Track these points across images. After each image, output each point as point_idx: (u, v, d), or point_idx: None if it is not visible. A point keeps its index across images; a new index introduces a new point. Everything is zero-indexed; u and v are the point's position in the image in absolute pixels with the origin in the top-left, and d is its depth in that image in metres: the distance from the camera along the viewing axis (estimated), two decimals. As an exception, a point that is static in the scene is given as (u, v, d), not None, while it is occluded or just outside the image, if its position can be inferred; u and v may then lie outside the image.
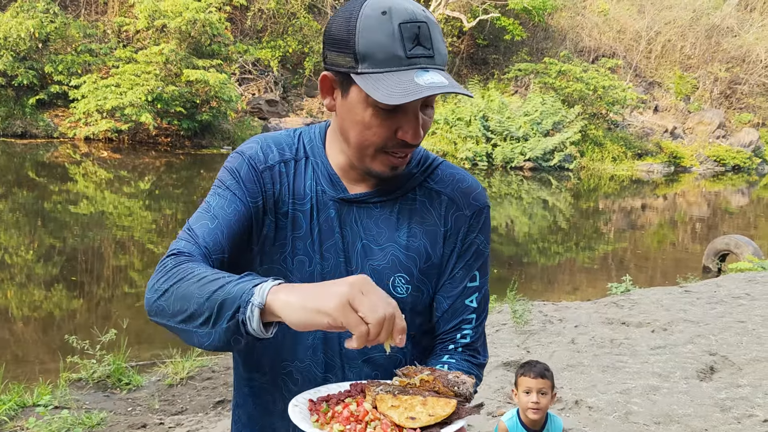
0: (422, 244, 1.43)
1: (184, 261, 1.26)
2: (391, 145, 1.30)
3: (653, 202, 22.19)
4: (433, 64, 1.25)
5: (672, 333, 6.35)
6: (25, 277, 8.58)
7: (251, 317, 1.10)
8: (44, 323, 7.05)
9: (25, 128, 19.95)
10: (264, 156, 1.42)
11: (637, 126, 30.96)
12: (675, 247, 15.59)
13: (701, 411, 4.52)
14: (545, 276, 11.65)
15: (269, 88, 25.31)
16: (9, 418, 4.34)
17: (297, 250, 1.41)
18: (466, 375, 1.19)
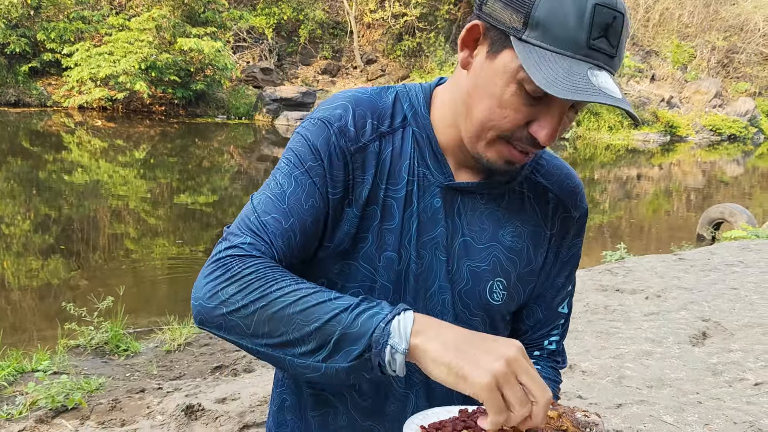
0: (525, 247, 1.24)
1: (257, 267, 1.02)
2: (519, 136, 1.07)
3: (649, 172, 22.22)
4: (610, 65, 1.02)
5: (665, 300, 6.40)
6: (21, 246, 8.59)
7: (392, 362, 0.95)
8: (41, 291, 7.08)
9: (18, 97, 19.83)
10: (356, 131, 1.15)
11: (634, 95, 30.88)
12: (670, 216, 15.66)
13: (693, 375, 4.58)
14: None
15: (264, 56, 25.13)
16: (8, 384, 4.37)
17: (386, 245, 1.16)
18: (596, 414, 1.05)
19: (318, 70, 25.78)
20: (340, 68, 26.63)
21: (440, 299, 1.19)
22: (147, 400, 4.17)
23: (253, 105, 22.64)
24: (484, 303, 1.21)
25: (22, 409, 3.90)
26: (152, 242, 9.31)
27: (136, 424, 3.80)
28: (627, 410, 3.99)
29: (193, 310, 1.05)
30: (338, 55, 27.15)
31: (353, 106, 1.17)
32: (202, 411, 3.95)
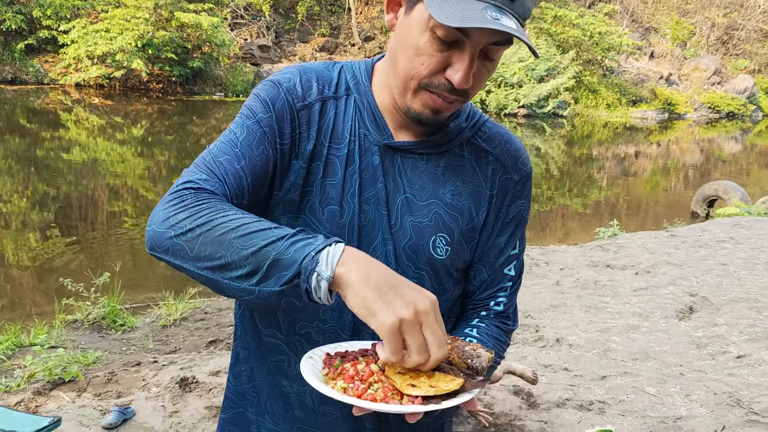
0: (466, 205, 1.31)
1: (208, 198, 1.11)
2: (436, 83, 1.15)
3: (646, 149, 22.24)
4: (510, 7, 1.10)
5: (655, 275, 6.49)
6: (19, 224, 8.66)
7: (318, 288, 1.00)
8: (39, 268, 7.15)
9: (14, 74, 19.80)
10: (303, 92, 1.26)
11: (633, 72, 30.83)
12: (666, 193, 15.72)
13: (677, 348, 4.68)
14: (537, 222, 11.77)
15: (261, 33, 25.03)
16: (7, 357, 4.46)
17: (329, 198, 1.25)
18: (485, 349, 1.10)
19: (316, 48, 25.69)
20: (338, 45, 26.53)
21: (383, 251, 1.27)
22: (142, 372, 4.26)
23: (251, 82, 22.61)
24: (428, 257, 1.29)
25: (20, 382, 3.99)
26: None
27: (132, 396, 3.90)
28: (611, 382, 4.09)
29: (146, 236, 1.12)
30: (336, 32, 27.04)
31: (301, 71, 1.29)
32: (196, 383, 4.04)
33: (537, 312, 5.43)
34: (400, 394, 1.03)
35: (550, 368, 4.29)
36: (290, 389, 1.36)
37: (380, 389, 1.03)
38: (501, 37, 1.12)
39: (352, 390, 1.04)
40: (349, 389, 1.04)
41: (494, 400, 3.81)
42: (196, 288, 6.01)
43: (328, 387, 1.04)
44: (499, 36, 1.11)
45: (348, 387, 1.04)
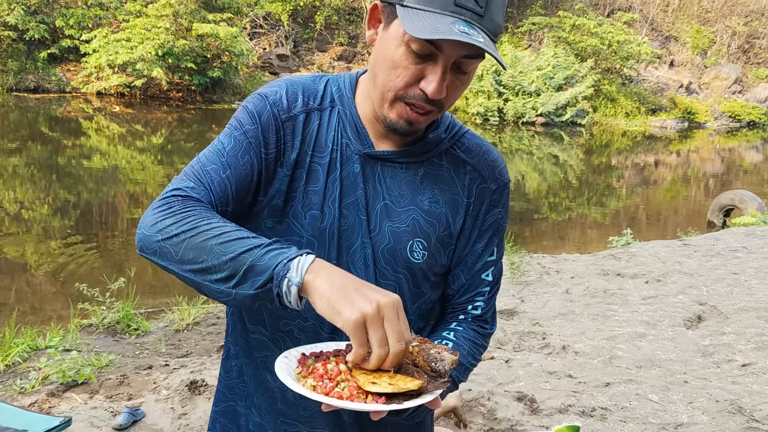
0: (443, 212, 1.38)
1: (194, 206, 1.20)
2: (412, 94, 1.22)
3: (666, 159, 22.13)
4: (480, 23, 1.17)
5: (665, 284, 6.50)
6: (40, 230, 8.82)
7: (288, 293, 1.09)
8: (57, 273, 7.29)
9: (37, 83, 20.14)
10: (288, 104, 1.34)
11: (652, 81, 30.68)
12: (684, 203, 15.65)
13: (683, 356, 4.70)
14: (552, 231, 11.78)
15: (280, 42, 25.26)
16: (22, 360, 4.58)
17: (311, 204, 1.33)
18: (450, 352, 1.15)
19: (334, 57, 25.86)
20: (356, 54, 26.70)
21: (362, 254, 1.34)
22: (154, 376, 4.36)
23: (271, 91, 22.78)
24: (405, 261, 1.36)
25: (34, 383, 4.10)
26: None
27: (142, 398, 3.99)
28: (614, 389, 4.12)
29: (136, 239, 1.21)
30: (354, 41, 27.20)
31: (288, 85, 1.37)
32: (205, 386, 4.12)
33: (545, 320, 5.47)
34: (365, 394, 1.09)
35: (554, 375, 4.33)
36: (274, 384, 1.42)
37: (347, 388, 1.09)
38: (471, 51, 1.18)
39: (321, 388, 1.10)
40: (318, 387, 1.10)
41: (497, 406, 3.86)
42: (208, 294, 6.11)
43: (299, 385, 1.11)
44: (469, 49, 1.18)
45: (317, 385, 1.11)
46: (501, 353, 4.76)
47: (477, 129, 23.12)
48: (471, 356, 1.42)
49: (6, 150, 13.62)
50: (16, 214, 9.39)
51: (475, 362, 1.44)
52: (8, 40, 19.54)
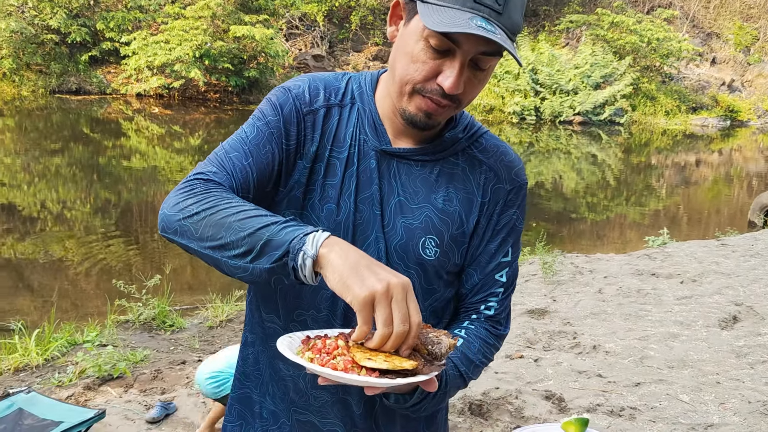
0: (457, 210, 1.39)
1: (215, 188, 1.24)
2: (429, 89, 1.24)
3: (707, 158, 21.75)
4: (498, 20, 1.19)
5: (701, 284, 6.40)
6: (81, 229, 9.03)
7: (303, 266, 1.10)
8: (96, 270, 7.46)
9: (79, 85, 20.59)
10: (310, 98, 1.38)
11: (693, 79, 30.17)
12: (724, 203, 15.37)
13: (716, 357, 4.63)
14: (590, 231, 11.67)
15: (315, 43, 25.41)
16: (61, 354, 4.70)
17: (328, 197, 1.36)
18: (449, 336, 1.17)
19: (369, 57, 25.94)
20: (392, 54, 26.70)
21: (376, 248, 1.37)
22: (187, 371, 4.44)
23: (306, 91, 22.96)
24: (418, 257, 1.38)
25: (72, 377, 4.21)
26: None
27: (175, 392, 4.07)
28: (644, 389, 4.08)
29: (158, 219, 1.25)
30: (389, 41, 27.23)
31: (311, 80, 1.41)
32: (236, 381, 4.19)
33: (576, 319, 5.43)
34: (359, 367, 1.11)
35: (583, 374, 4.31)
36: (286, 372, 1.46)
37: (341, 361, 1.12)
38: (488, 47, 1.20)
39: (317, 360, 1.13)
40: (315, 359, 1.13)
41: (524, 404, 3.86)
42: (241, 290, 6.20)
43: (297, 356, 1.15)
44: (486, 46, 1.20)
45: (314, 357, 1.14)
46: (530, 352, 4.74)
47: (513, 128, 22.99)
48: (482, 354, 1.42)
49: (49, 151, 13.95)
50: (58, 214, 9.62)
51: (485, 360, 1.45)
52: (51, 44, 20.01)
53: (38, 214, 9.45)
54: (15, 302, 6.29)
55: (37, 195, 10.47)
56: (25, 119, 17.17)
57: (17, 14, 19.50)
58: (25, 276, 7.11)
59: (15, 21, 18.98)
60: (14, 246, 7.92)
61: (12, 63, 19.48)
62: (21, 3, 19.44)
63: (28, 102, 19.01)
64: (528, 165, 17.05)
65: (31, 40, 19.72)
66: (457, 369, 1.36)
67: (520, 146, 19.86)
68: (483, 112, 24.18)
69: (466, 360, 1.38)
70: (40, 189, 10.88)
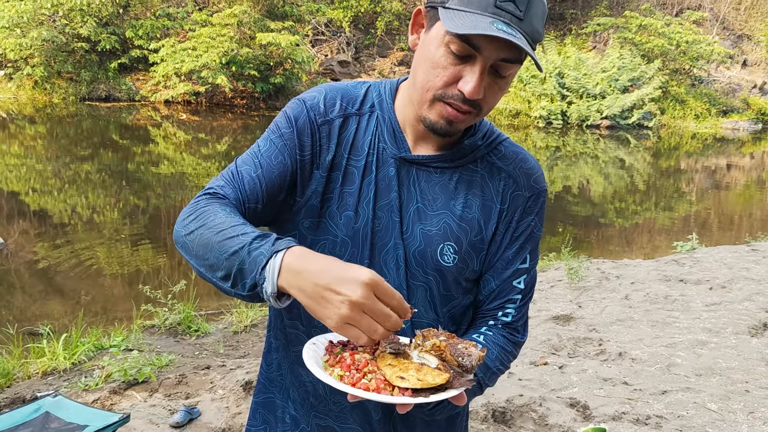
0: (476, 217, 1.40)
1: (214, 203, 1.28)
2: (450, 94, 1.25)
3: (738, 161, 21.41)
4: (519, 26, 1.20)
5: (730, 290, 6.30)
6: (109, 234, 9.13)
7: (272, 302, 1.13)
8: (124, 276, 7.54)
9: (108, 92, 20.88)
10: (325, 108, 1.40)
11: (723, 82, 29.74)
12: (757, 207, 15.12)
13: (746, 365, 4.55)
14: (618, 236, 11.55)
15: (341, 48, 25.50)
16: (88, 359, 4.76)
17: (346, 205, 1.38)
18: (477, 348, 1.17)
19: (395, 62, 25.97)
20: (418, 59, 26.72)
21: (394, 255, 1.38)
22: (211, 376, 4.47)
23: (332, 97, 23.06)
24: (436, 263, 1.39)
25: (98, 381, 4.26)
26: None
27: (199, 397, 4.10)
28: (671, 397, 4.02)
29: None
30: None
31: (327, 90, 1.44)
32: (260, 387, 4.20)
33: (602, 326, 5.38)
34: (391, 386, 1.11)
35: (609, 382, 4.26)
36: (306, 378, 1.48)
37: (374, 379, 1.11)
38: (510, 54, 1.21)
39: (348, 378, 1.12)
40: (345, 377, 1.13)
41: (549, 411, 3.82)
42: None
43: (326, 374, 1.14)
44: (507, 52, 1.21)
45: (344, 375, 1.13)
46: (555, 359, 4.70)
47: (540, 132, 22.85)
48: (499, 361, 1.42)
49: (79, 157, 14.15)
50: (88, 219, 9.74)
51: (502, 368, 1.45)
52: (81, 51, 20.32)
53: (68, 220, 9.59)
54: (44, 307, 6.39)
55: (67, 201, 10.62)
56: (56, 126, 17.44)
57: (48, 23, 19.83)
58: (54, 281, 7.21)
59: (47, 30, 19.30)
60: (44, 251, 8.04)
61: (44, 71, 19.81)
62: (52, 12, 19.77)
63: (59, 109, 19.31)
64: (555, 169, 16.94)
65: (62, 48, 20.04)
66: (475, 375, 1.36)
67: (546, 150, 19.73)
68: (509, 117, 24.07)
69: (484, 367, 1.39)
70: (70, 195, 11.04)
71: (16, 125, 16.94)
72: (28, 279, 7.18)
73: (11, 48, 19.03)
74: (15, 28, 19.19)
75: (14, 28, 19.17)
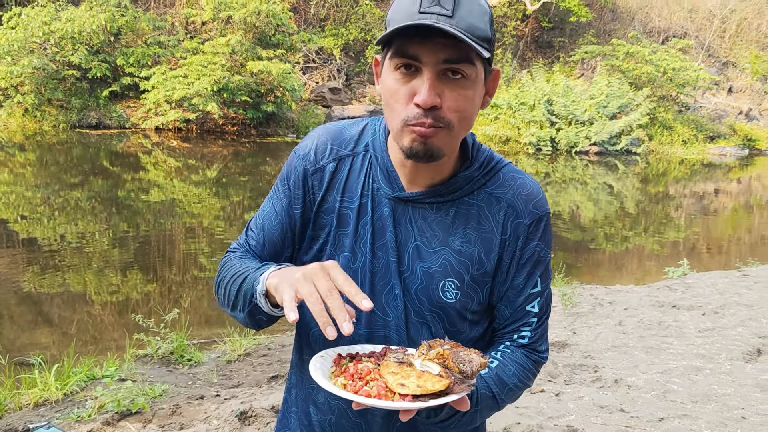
0: (476, 251, 1.39)
1: (234, 256, 1.48)
2: (412, 114, 1.24)
3: (726, 186, 21.59)
4: (448, 22, 1.19)
5: (723, 316, 6.32)
6: (100, 262, 9.07)
7: (262, 303, 1.28)
8: (115, 304, 7.48)
9: (99, 119, 20.86)
10: (315, 156, 1.44)
11: (710, 108, 30.10)
12: (745, 233, 15.22)
13: (741, 391, 4.55)
14: (608, 261, 11.58)
15: (332, 76, 25.66)
16: (80, 389, 4.70)
17: (343, 246, 1.40)
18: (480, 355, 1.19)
19: (382, 89, 26.15)
20: (408, 86, 26.91)
21: (393, 294, 1.40)
22: (205, 406, 4.43)
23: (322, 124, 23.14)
24: (438, 300, 1.39)
25: (91, 412, 4.20)
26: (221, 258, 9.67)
27: (193, 428, 4.05)
28: (668, 424, 4.01)
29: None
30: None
31: (318, 136, 1.48)
32: (255, 416, 4.17)
33: (597, 352, 5.37)
34: (392, 393, 1.14)
35: (605, 409, 4.24)
36: (315, 417, 1.49)
37: (375, 387, 1.15)
38: (452, 54, 1.21)
39: (351, 387, 1.16)
40: (349, 386, 1.16)
41: (546, 440, 3.80)
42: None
43: (330, 383, 1.17)
44: (449, 52, 1.21)
45: (348, 384, 1.17)
46: (551, 386, 4.69)
47: (530, 159, 22.98)
48: (516, 378, 1.42)
49: (69, 184, 14.10)
50: (78, 247, 9.68)
51: (521, 385, 1.44)
52: (72, 79, 20.34)
53: (58, 247, 9.52)
54: (34, 336, 6.32)
55: (56, 228, 10.56)
56: (46, 153, 17.39)
57: (39, 51, 19.86)
58: (44, 310, 7.14)
59: (37, 58, 19.32)
60: (34, 279, 7.97)
61: (34, 99, 19.79)
62: (43, 40, 19.81)
63: (49, 137, 19.28)
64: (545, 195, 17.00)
65: (53, 76, 20.05)
66: (489, 390, 1.37)
67: (536, 177, 19.82)
68: (499, 143, 24.23)
69: (500, 382, 1.39)
70: (59, 222, 10.98)
71: (5, 152, 16.88)
72: (17, 308, 7.12)
73: (2, 76, 19.02)
74: (5, 56, 19.20)
75: (5, 56, 19.18)
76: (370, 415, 1.42)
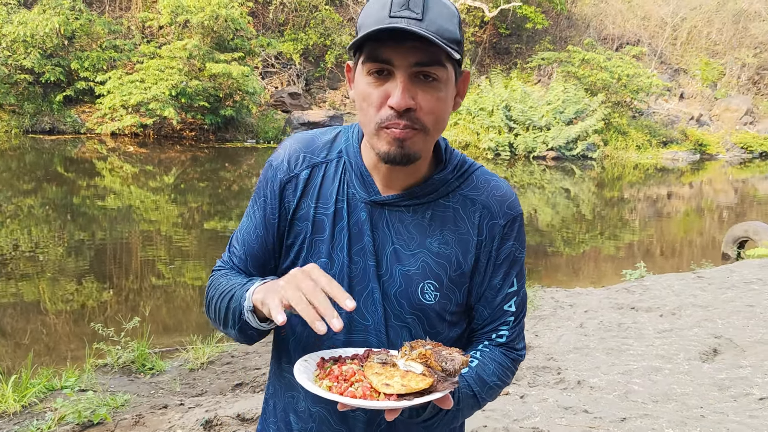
0: (453, 252, 1.41)
1: (219, 274, 1.49)
2: (386, 116, 1.26)
3: (678, 190, 22.06)
4: (417, 25, 1.21)
5: (680, 317, 6.46)
6: (55, 270, 8.89)
7: (250, 319, 1.30)
8: (73, 313, 7.34)
9: (53, 124, 20.45)
10: (289, 165, 1.45)
11: (662, 114, 30.74)
12: (697, 235, 15.57)
13: (699, 390, 4.66)
14: (566, 264, 11.74)
15: (292, 81, 25.57)
16: (39, 401, 4.60)
17: (319, 252, 1.41)
18: (461, 353, 1.21)
19: (345, 94, 26.12)
20: (367, 92, 26.94)
21: (372, 298, 1.41)
22: (169, 415, 4.36)
23: (282, 129, 23.03)
24: (417, 302, 1.41)
25: (50, 424, 4.11)
26: (182, 265, 9.56)
27: (157, 438, 3.99)
28: (630, 424, 4.08)
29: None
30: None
31: (291, 144, 1.49)
32: (220, 425, 4.13)
33: (559, 354, 5.45)
34: (377, 393, 1.16)
35: (569, 410, 4.30)
36: (296, 426, 1.49)
37: (360, 388, 1.17)
38: (423, 57, 1.24)
39: (336, 388, 1.18)
40: (334, 387, 1.18)
41: (512, 443, 3.84)
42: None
43: (316, 386, 1.19)
44: (420, 55, 1.24)
45: (333, 385, 1.19)
46: (516, 389, 4.74)
47: (488, 164, 23.19)
48: (496, 376, 1.44)
49: (22, 191, 13.80)
50: (31, 255, 9.48)
51: (501, 383, 1.46)
52: (25, 83, 19.91)
53: (10, 256, 9.30)
54: (-11, 347, 6.17)
55: (9, 236, 10.32)
56: (-2, 159, 17.00)
57: (-10, 55, 19.42)
58: (-2, 320, 6.97)
59: (-12, 61, 18.89)
60: (-13, 289, 7.78)
61: (-15, 103, 19.34)
62: (-6, 44, 19.38)
63: (1, 142, 18.83)
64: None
65: (5, 80, 19.60)
66: (470, 389, 1.39)
67: (495, 181, 19.98)
68: (459, 148, 24.29)
69: (480, 380, 1.41)
70: (12, 230, 10.73)
71: (-45, 159, 16.45)
72: (-30, 318, 6.93)
73: (-49, 80, 18.56)
74: (-45, 60, 18.73)
75: (-46, 59, 18.71)
76: (352, 420, 1.42)
